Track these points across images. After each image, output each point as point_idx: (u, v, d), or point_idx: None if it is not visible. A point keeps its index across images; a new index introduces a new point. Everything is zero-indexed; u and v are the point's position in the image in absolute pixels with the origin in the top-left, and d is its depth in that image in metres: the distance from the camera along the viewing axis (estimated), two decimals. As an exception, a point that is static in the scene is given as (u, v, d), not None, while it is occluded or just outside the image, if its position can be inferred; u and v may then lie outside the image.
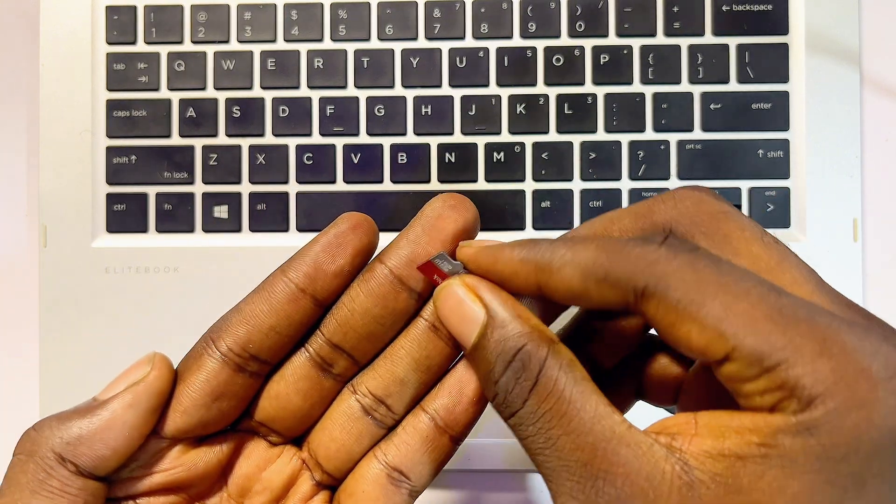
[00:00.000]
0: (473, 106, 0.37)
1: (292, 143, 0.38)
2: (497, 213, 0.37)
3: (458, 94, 0.37)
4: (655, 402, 0.24)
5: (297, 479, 0.23)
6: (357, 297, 0.21)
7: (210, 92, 0.38)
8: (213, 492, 0.23)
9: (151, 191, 0.38)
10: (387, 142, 0.38)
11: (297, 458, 0.23)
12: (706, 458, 0.17)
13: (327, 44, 0.38)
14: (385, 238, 0.22)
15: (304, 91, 0.38)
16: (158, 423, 0.21)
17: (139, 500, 0.22)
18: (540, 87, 0.37)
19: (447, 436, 0.22)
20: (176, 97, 0.38)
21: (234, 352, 0.21)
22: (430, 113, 0.37)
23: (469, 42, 0.38)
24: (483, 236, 0.37)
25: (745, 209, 0.37)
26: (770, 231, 0.37)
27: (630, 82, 0.37)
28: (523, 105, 0.37)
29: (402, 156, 0.37)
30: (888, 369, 0.17)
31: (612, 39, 0.37)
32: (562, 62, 0.37)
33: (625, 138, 0.37)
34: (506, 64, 0.38)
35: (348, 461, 0.23)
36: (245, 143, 0.38)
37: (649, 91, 0.37)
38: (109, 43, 0.38)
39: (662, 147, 0.37)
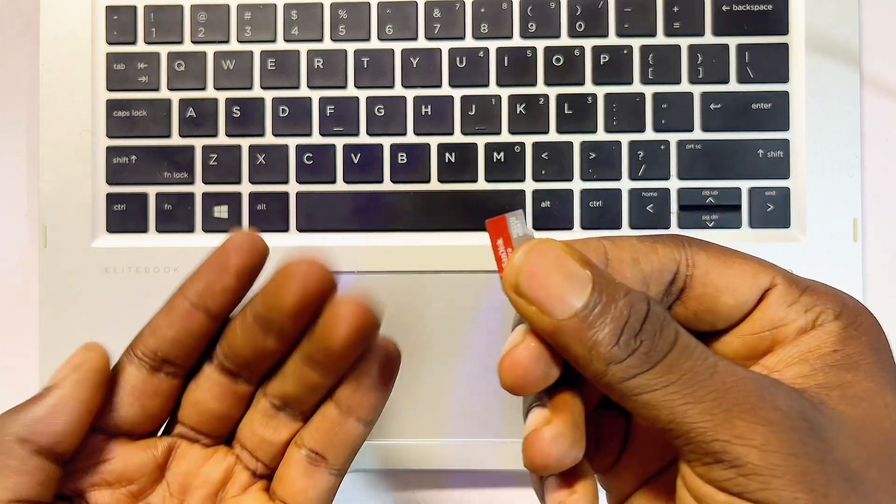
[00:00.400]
0: (473, 106, 0.37)
1: (292, 143, 0.38)
2: (497, 213, 0.37)
3: (458, 94, 0.37)
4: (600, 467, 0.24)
5: (233, 472, 0.25)
6: (244, 321, 0.23)
7: (210, 92, 0.38)
8: (154, 489, 0.25)
9: (151, 191, 0.38)
10: (387, 142, 0.38)
11: (230, 454, 0.25)
12: (808, 377, 0.20)
13: (327, 44, 0.38)
14: (385, 238, 0.22)
15: (304, 91, 0.38)
16: (94, 419, 0.23)
17: (87, 494, 0.24)
18: (540, 87, 0.37)
19: (352, 418, 0.24)
20: (176, 97, 0.38)
21: (147, 356, 0.24)
22: (430, 113, 0.37)
23: (469, 42, 0.38)
24: (483, 236, 0.37)
25: (745, 209, 0.37)
26: (770, 231, 0.37)
27: (630, 82, 0.37)
28: (523, 105, 0.37)
29: (402, 156, 0.37)
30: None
31: (612, 39, 0.37)
32: (562, 62, 0.37)
33: (625, 138, 0.37)
34: (506, 64, 0.38)
35: (274, 452, 0.25)
36: (245, 143, 0.38)
37: (649, 91, 0.37)
38: (109, 43, 0.38)
39: (662, 147, 0.37)
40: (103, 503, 0.24)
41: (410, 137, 0.38)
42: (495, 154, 0.37)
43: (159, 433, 0.25)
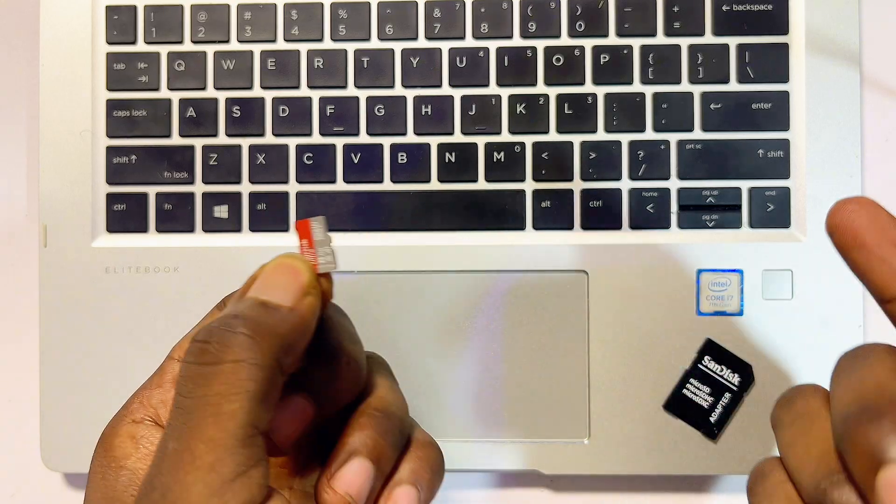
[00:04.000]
0: (473, 106, 0.37)
1: (292, 142, 0.38)
2: (497, 213, 0.37)
3: (458, 93, 0.37)
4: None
5: None
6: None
7: (210, 92, 0.38)
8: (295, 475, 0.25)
9: (151, 191, 0.38)
10: (387, 142, 0.38)
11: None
12: None
13: (327, 44, 0.38)
14: (385, 237, 0.22)
15: (304, 91, 0.38)
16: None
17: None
18: (540, 87, 0.37)
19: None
20: (176, 97, 0.38)
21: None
22: (430, 113, 0.37)
23: (469, 42, 0.38)
24: (483, 236, 0.37)
25: (745, 209, 0.37)
26: (770, 231, 0.37)
27: (630, 82, 0.37)
28: (523, 105, 0.37)
29: (402, 156, 0.37)
30: None
31: (612, 39, 0.37)
32: (562, 62, 0.37)
33: (625, 138, 0.37)
34: (506, 64, 0.37)
35: None
36: (245, 142, 0.38)
37: (649, 91, 0.37)
38: (109, 43, 0.38)
39: (662, 147, 0.37)
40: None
41: (410, 137, 0.38)
42: (495, 154, 0.37)
43: None
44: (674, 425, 0.36)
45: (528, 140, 0.37)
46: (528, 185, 0.37)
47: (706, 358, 0.35)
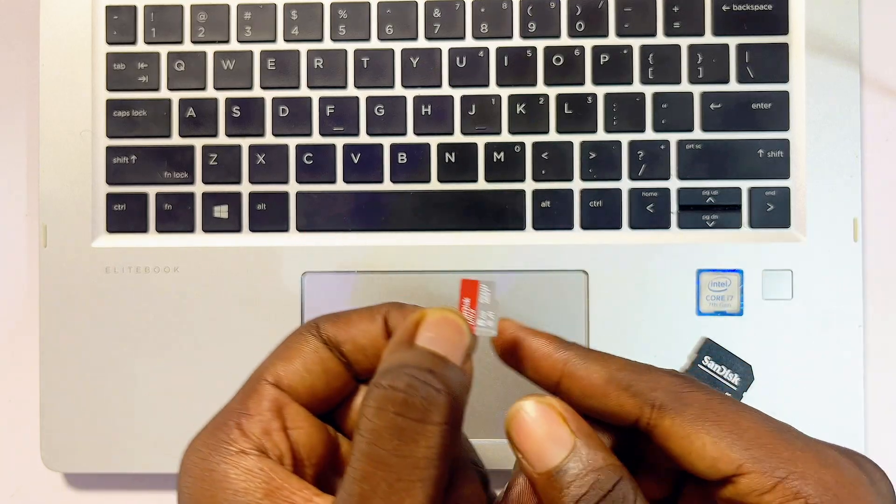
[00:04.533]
0: (473, 106, 0.37)
1: (292, 143, 0.38)
2: (497, 213, 0.37)
3: (458, 94, 0.37)
4: None
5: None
6: None
7: (210, 92, 0.38)
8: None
9: (151, 191, 0.38)
10: (387, 142, 0.38)
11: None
12: None
13: (327, 44, 0.38)
14: (385, 238, 0.22)
15: (304, 91, 0.38)
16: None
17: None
18: (540, 87, 0.37)
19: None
20: (176, 97, 0.38)
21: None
22: (430, 113, 0.37)
23: (469, 42, 0.38)
24: (483, 236, 0.37)
25: (745, 209, 0.37)
26: (770, 231, 0.37)
27: (630, 82, 0.37)
28: (523, 105, 0.37)
29: (402, 156, 0.37)
30: (873, 476, 0.20)
31: (612, 39, 0.37)
32: (562, 62, 0.37)
33: (625, 138, 0.37)
34: (506, 64, 0.37)
35: None
36: (245, 143, 0.38)
37: (649, 91, 0.37)
38: (109, 43, 0.38)
39: (662, 147, 0.37)
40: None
41: (410, 137, 0.38)
42: (495, 154, 0.37)
43: None
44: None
45: (528, 140, 0.37)
46: (528, 185, 0.37)
47: (706, 358, 0.35)
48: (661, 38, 0.37)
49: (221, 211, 0.38)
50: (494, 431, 0.36)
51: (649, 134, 0.37)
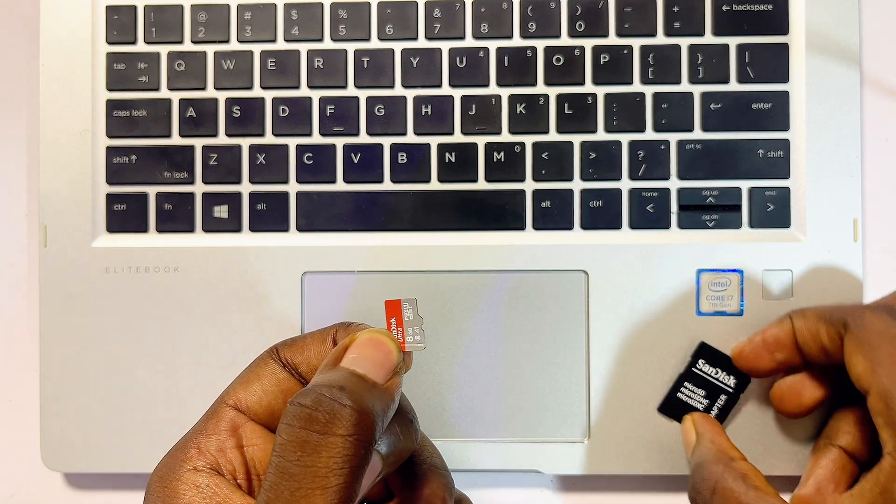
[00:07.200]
0: (473, 106, 0.37)
1: (292, 142, 0.38)
2: (497, 213, 0.37)
3: (458, 94, 0.37)
4: None
5: None
6: None
7: (210, 92, 0.38)
8: None
9: (151, 191, 0.38)
10: (387, 142, 0.38)
11: None
12: None
13: (327, 44, 0.38)
14: (385, 237, 0.22)
15: (304, 91, 0.38)
16: None
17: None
18: (540, 87, 0.37)
19: None
20: (176, 97, 0.38)
21: None
22: (430, 113, 0.37)
23: (469, 42, 0.38)
24: (483, 236, 0.37)
25: (745, 209, 0.37)
26: (770, 231, 0.37)
27: (630, 82, 0.37)
28: (523, 105, 0.37)
29: (402, 156, 0.37)
30: None
31: (612, 39, 0.37)
32: (562, 62, 0.37)
33: (625, 138, 0.37)
34: (506, 64, 0.38)
35: None
36: (245, 142, 0.38)
37: (649, 91, 0.37)
38: (109, 43, 0.38)
39: (662, 147, 0.37)
40: None
41: (410, 137, 0.38)
42: (495, 154, 0.37)
43: None
44: (673, 426, 0.36)
45: (528, 140, 0.37)
46: (528, 185, 0.37)
47: (700, 361, 0.35)
48: (661, 38, 0.37)
49: (221, 211, 0.38)
50: (494, 431, 0.36)
51: (649, 134, 0.37)
